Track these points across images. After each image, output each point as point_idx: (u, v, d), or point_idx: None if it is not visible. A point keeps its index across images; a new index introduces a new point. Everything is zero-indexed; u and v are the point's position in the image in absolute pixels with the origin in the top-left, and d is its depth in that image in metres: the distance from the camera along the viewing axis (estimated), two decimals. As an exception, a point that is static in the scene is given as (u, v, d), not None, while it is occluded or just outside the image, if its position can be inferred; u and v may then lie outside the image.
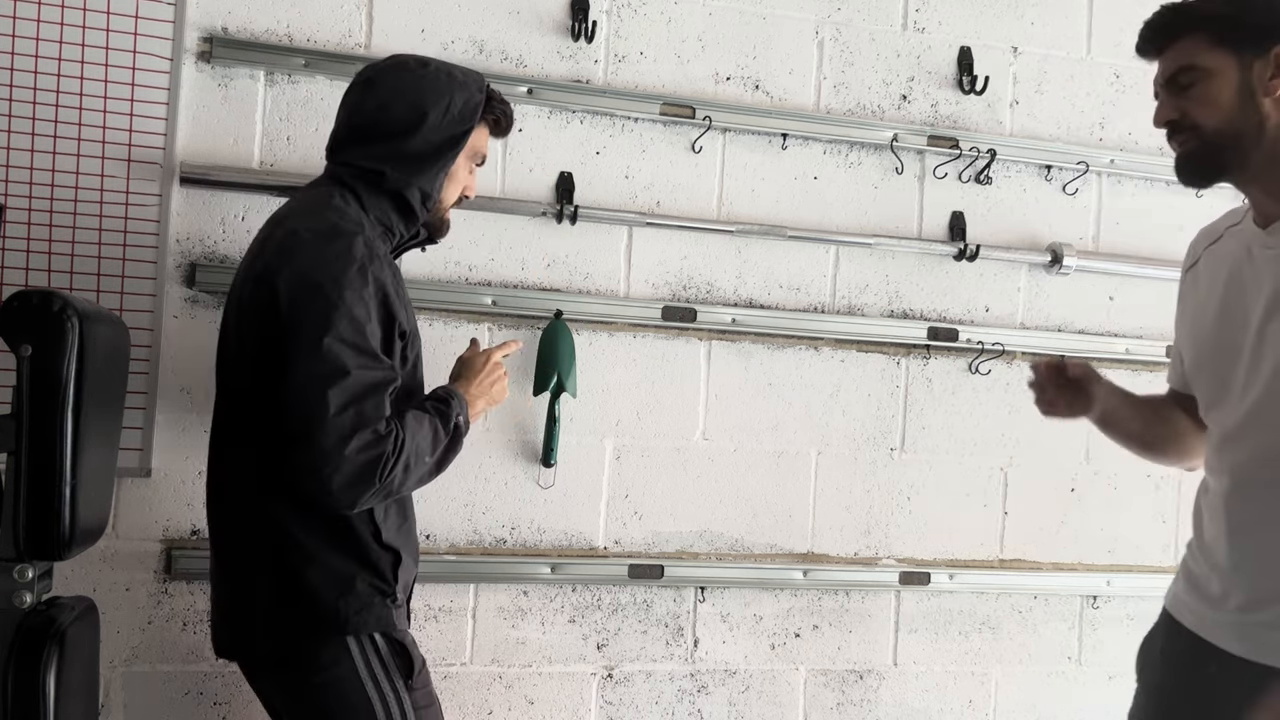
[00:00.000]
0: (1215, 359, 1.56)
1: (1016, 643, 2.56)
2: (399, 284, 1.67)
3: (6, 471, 1.55)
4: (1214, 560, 1.56)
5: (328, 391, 1.50)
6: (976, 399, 2.52)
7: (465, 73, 1.75)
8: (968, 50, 2.52)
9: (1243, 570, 1.50)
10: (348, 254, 1.56)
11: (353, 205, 1.67)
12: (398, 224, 1.71)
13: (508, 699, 2.28)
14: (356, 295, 1.54)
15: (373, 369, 1.54)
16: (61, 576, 1.73)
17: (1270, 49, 1.43)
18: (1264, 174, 1.47)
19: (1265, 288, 1.48)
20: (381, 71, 1.72)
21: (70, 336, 1.53)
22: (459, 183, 1.77)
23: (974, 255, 2.47)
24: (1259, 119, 1.44)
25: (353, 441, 1.50)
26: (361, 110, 1.70)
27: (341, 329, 1.53)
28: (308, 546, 1.60)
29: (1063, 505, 2.57)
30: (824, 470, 2.45)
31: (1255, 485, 1.49)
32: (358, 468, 1.50)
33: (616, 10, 2.33)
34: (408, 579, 1.70)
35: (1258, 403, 1.47)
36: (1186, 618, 1.60)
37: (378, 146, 1.68)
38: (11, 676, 1.49)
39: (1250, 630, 1.48)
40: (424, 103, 1.67)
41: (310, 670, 1.60)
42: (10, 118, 1.98)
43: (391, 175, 1.67)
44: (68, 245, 2.01)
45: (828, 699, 2.45)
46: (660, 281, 2.35)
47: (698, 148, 2.36)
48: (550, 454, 2.25)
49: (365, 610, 1.60)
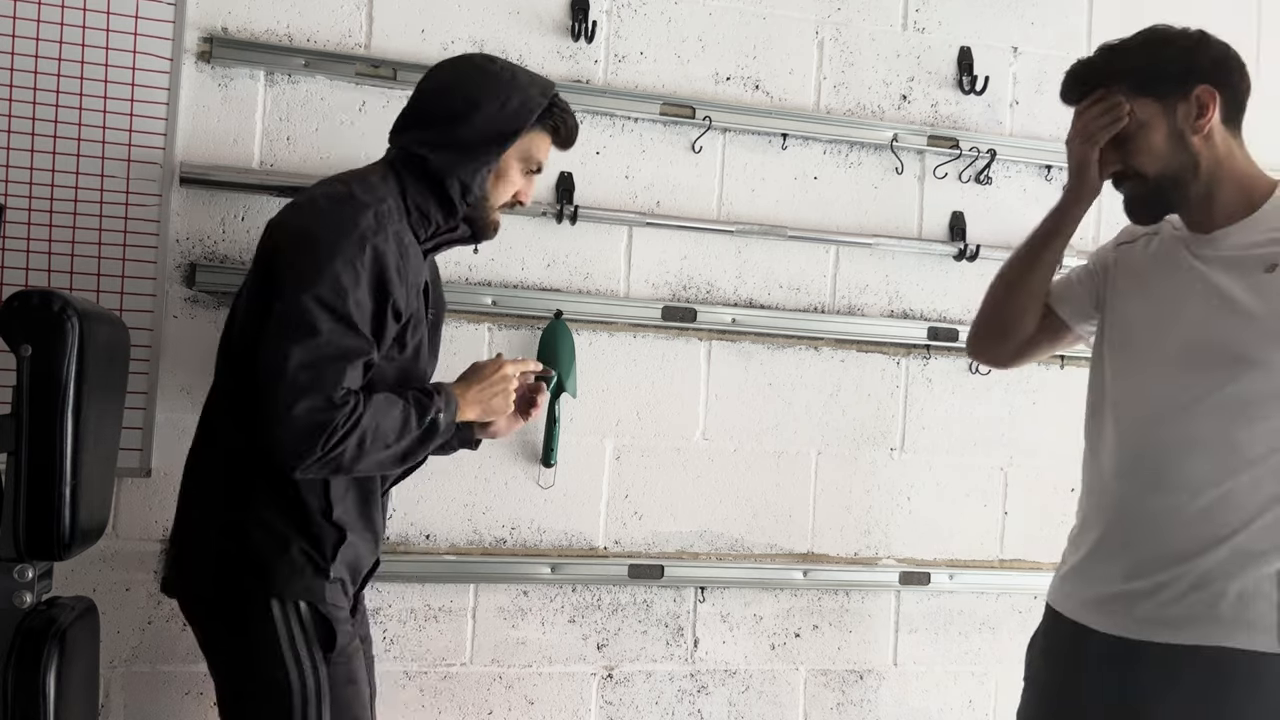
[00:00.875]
0: (1142, 331, 1.64)
1: (1016, 643, 2.52)
2: (408, 266, 1.64)
3: (6, 471, 1.55)
4: (1095, 540, 1.63)
5: (292, 347, 1.52)
6: (976, 399, 2.52)
7: (532, 77, 1.75)
8: (968, 50, 2.52)
9: (1127, 545, 1.57)
10: (351, 220, 1.57)
11: (391, 185, 1.67)
12: (435, 213, 1.70)
13: (508, 699, 2.28)
14: (347, 261, 1.54)
15: (344, 336, 1.54)
16: (61, 576, 1.73)
17: (1190, 91, 1.54)
18: (1202, 200, 1.58)
19: (1202, 282, 1.57)
20: (449, 62, 1.76)
21: (70, 336, 1.53)
22: (509, 184, 1.74)
23: (974, 255, 2.47)
24: (1193, 158, 1.55)
25: (302, 402, 1.51)
26: (421, 96, 1.73)
27: (322, 289, 1.53)
28: (255, 502, 1.63)
29: (1063, 505, 2.55)
30: (824, 470, 2.45)
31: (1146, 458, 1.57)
32: (300, 429, 1.51)
33: (616, 10, 2.33)
34: (353, 560, 1.69)
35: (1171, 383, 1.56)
36: (1064, 604, 1.67)
37: (428, 132, 1.69)
38: (11, 676, 1.49)
39: (1123, 605, 1.55)
40: (479, 94, 1.67)
41: (233, 623, 1.63)
42: (10, 118, 1.98)
43: (434, 161, 1.67)
44: (68, 245, 2.01)
45: (828, 699, 2.45)
46: (660, 281, 2.35)
47: (698, 148, 2.36)
48: (550, 454, 2.25)
49: (294, 576, 1.61)
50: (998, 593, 2.54)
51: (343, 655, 1.65)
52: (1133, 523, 1.58)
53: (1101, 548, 1.62)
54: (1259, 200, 1.56)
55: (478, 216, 1.74)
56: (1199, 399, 1.52)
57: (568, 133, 1.78)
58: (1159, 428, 1.56)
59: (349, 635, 1.68)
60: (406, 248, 1.64)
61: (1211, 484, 1.50)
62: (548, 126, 1.74)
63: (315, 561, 1.63)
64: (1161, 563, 1.52)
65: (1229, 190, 1.56)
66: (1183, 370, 1.55)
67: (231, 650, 1.65)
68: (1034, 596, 2.55)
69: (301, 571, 1.62)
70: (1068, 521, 1.77)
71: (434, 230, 1.72)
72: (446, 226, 1.73)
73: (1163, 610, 1.51)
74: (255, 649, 1.61)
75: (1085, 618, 1.61)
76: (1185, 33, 1.58)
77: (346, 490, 1.66)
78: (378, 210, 1.60)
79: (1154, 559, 1.53)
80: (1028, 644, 1.78)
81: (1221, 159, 1.56)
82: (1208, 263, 1.57)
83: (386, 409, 1.59)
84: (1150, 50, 1.58)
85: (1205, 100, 1.53)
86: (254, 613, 1.61)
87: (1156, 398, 1.57)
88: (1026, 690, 1.76)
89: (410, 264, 1.65)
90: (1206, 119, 1.54)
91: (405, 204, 1.67)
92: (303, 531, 1.63)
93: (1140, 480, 1.58)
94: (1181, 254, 1.61)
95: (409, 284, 1.65)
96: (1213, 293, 1.54)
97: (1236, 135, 1.58)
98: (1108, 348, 1.70)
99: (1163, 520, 1.54)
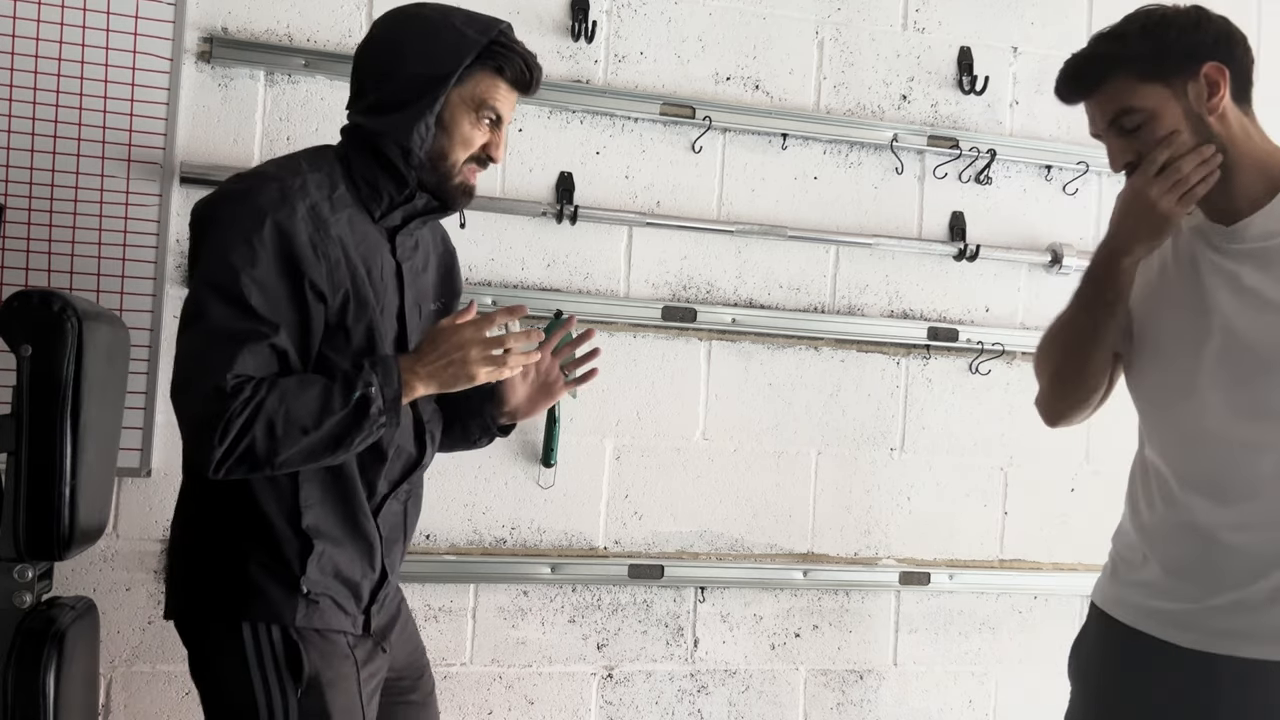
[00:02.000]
0: (1173, 343, 1.54)
1: (1016, 643, 2.56)
2: (329, 243, 1.47)
3: (6, 471, 1.55)
4: (1164, 552, 1.53)
5: (182, 335, 1.43)
6: (976, 399, 2.52)
7: (471, 16, 1.54)
8: (968, 50, 2.52)
9: (1199, 558, 1.48)
10: (245, 197, 1.44)
11: (331, 162, 1.54)
12: (385, 184, 1.54)
13: (508, 699, 2.28)
14: (240, 238, 1.40)
15: (233, 319, 1.39)
16: (61, 576, 1.73)
17: (1198, 71, 1.44)
18: (1222, 186, 1.47)
19: (1229, 282, 1.48)
20: (379, 19, 1.58)
21: (70, 336, 1.53)
22: (462, 137, 1.53)
23: (974, 255, 2.47)
24: (1212, 138, 1.45)
25: (192, 394, 1.39)
26: (354, 62, 1.58)
27: (211, 271, 1.42)
28: (210, 513, 1.51)
29: (1063, 505, 2.57)
30: (824, 470, 2.45)
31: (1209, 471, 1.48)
32: (194, 425, 1.39)
33: (616, 10, 2.33)
34: (338, 572, 1.52)
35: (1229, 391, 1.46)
36: (1122, 612, 1.57)
37: (361, 99, 1.55)
38: (11, 676, 1.49)
39: (1199, 619, 1.47)
40: (404, 44, 1.51)
41: (203, 647, 1.53)
42: (10, 118, 1.98)
43: (368, 126, 1.52)
44: (68, 245, 2.01)
45: (828, 699, 2.45)
46: (660, 281, 2.35)
47: (698, 148, 2.36)
48: (550, 454, 2.25)
49: (256, 596, 1.47)
50: (998, 593, 2.54)
51: (314, 685, 1.47)
52: (1201, 539, 1.48)
53: (1171, 564, 1.51)
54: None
55: (436, 180, 1.54)
56: (1249, 406, 1.44)
57: (516, 72, 1.55)
58: (1217, 440, 1.47)
59: (328, 663, 1.50)
60: (328, 224, 1.47)
61: (1276, 492, 1.42)
62: (491, 66, 1.52)
63: (280, 577, 1.48)
64: (1238, 578, 1.44)
65: (1248, 172, 1.46)
66: (1223, 377, 1.46)
67: (204, 676, 1.54)
68: (1034, 596, 2.56)
69: (263, 590, 1.47)
70: (1068, 521, 1.76)
71: (389, 203, 1.55)
72: (401, 196, 1.55)
73: (1241, 622, 1.43)
74: (223, 677, 1.50)
75: (1153, 628, 1.51)
76: (1182, 10, 1.49)
77: (323, 495, 1.51)
78: (285, 185, 1.45)
79: (1230, 575, 1.45)
80: (1072, 646, 1.68)
81: (1238, 139, 1.46)
82: (1232, 258, 1.47)
83: (299, 391, 1.41)
84: (1150, 34, 1.47)
85: (1215, 78, 1.44)
86: (224, 637, 1.48)
87: (1208, 410, 1.47)
88: (1078, 696, 1.65)
89: (337, 244, 1.48)
90: (1219, 97, 1.44)
91: (354, 180, 1.53)
92: (260, 544, 1.48)
93: (1202, 495, 1.48)
94: (1203, 251, 1.51)
95: (336, 263, 1.48)
96: (1241, 291, 1.45)
97: (1249, 113, 1.49)
98: (1141, 362, 1.59)
99: (1232, 534, 1.45)
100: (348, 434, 1.44)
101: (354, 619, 1.56)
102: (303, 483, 1.49)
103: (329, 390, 1.43)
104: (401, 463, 1.61)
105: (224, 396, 1.37)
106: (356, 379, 1.44)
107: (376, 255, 1.54)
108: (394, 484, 1.60)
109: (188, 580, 1.54)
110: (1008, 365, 2.52)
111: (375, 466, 1.56)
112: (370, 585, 1.58)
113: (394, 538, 1.63)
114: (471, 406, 1.73)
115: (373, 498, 1.57)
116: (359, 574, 1.56)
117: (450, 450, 1.81)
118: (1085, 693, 1.64)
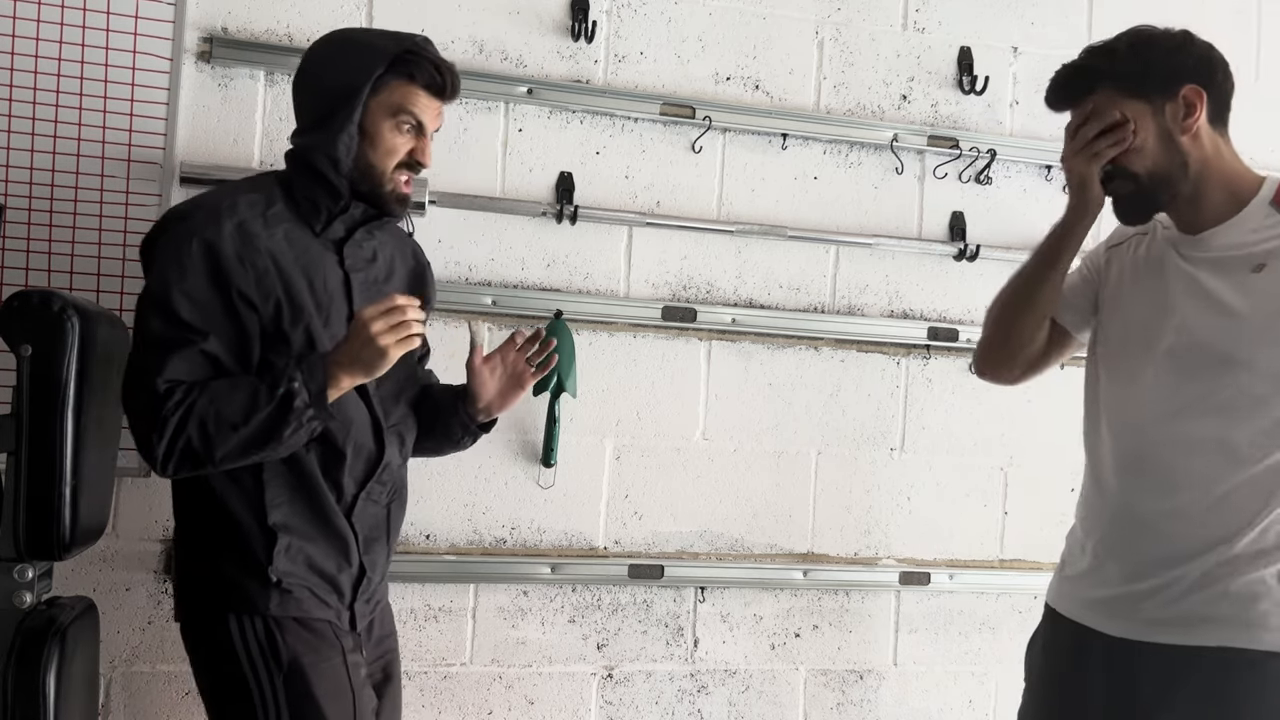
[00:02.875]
0: (1133, 333, 1.64)
1: (1016, 643, 2.51)
2: (257, 255, 1.57)
3: (6, 471, 1.55)
4: (1096, 542, 1.64)
5: (132, 350, 1.56)
6: (976, 399, 2.52)
7: (387, 33, 1.70)
8: (968, 50, 2.51)
9: (1128, 547, 1.58)
10: (177, 222, 1.58)
11: (269, 184, 1.67)
12: (322, 198, 1.65)
13: (508, 699, 2.28)
14: (171, 258, 1.55)
15: (165, 328, 1.53)
16: (61, 576, 1.73)
17: (1177, 92, 1.54)
18: (1190, 200, 1.58)
19: (1190, 285, 1.57)
20: (311, 46, 1.73)
21: (70, 336, 1.54)
22: (385, 145, 1.64)
23: (974, 255, 2.47)
24: (1182, 158, 1.55)
25: (134, 401, 1.54)
26: (291, 92, 1.72)
27: (149, 289, 1.57)
28: (188, 520, 1.66)
29: (1063, 505, 2.54)
30: (824, 470, 2.45)
31: (1144, 461, 1.58)
32: (137, 425, 1.53)
33: (616, 10, 2.33)
34: (309, 563, 1.62)
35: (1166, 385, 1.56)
36: (1065, 606, 1.67)
37: (298, 121, 1.69)
38: (11, 676, 1.49)
39: (1125, 606, 1.55)
40: (325, 63, 1.66)
41: (200, 643, 1.64)
42: (10, 118, 1.98)
43: (300, 144, 1.66)
44: (68, 245, 2.01)
45: (828, 699, 2.45)
46: (660, 281, 2.35)
47: (698, 148, 2.36)
48: (550, 454, 2.25)
49: (231, 590, 1.59)
50: (998, 593, 2.54)
51: (296, 668, 1.58)
52: (1134, 524, 1.58)
53: (1103, 549, 1.62)
54: (1246, 198, 1.56)
55: (369, 188, 1.65)
56: (1192, 401, 1.53)
57: (427, 77, 1.65)
58: (1155, 430, 1.57)
59: (309, 647, 1.60)
60: (256, 237, 1.58)
61: (1210, 485, 1.51)
62: (403, 74, 1.64)
63: (251, 569, 1.59)
64: (1163, 564, 1.53)
65: (1216, 190, 1.56)
66: (1174, 373, 1.55)
67: (206, 673, 1.65)
68: (1034, 596, 2.55)
69: (240, 584, 1.59)
70: (1067, 521, 1.77)
71: (327, 215, 1.66)
72: (338, 207, 1.66)
73: (1165, 611, 1.52)
74: (221, 669, 1.61)
75: (1087, 619, 1.61)
76: (1169, 33, 1.58)
77: (292, 495, 1.61)
78: (213, 206, 1.59)
79: (1156, 560, 1.54)
80: (1027, 645, 1.78)
81: (1209, 158, 1.56)
82: (1195, 264, 1.57)
83: (229, 391, 1.53)
84: (1137, 51, 1.57)
85: (1193, 100, 1.54)
86: (215, 631, 1.60)
87: (1151, 401, 1.57)
88: (1028, 691, 1.75)
89: (265, 255, 1.58)
90: (1194, 118, 1.54)
91: (294, 199, 1.65)
92: (230, 543, 1.60)
93: (1140, 483, 1.58)
94: (1170, 256, 1.61)
95: (264, 272, 1.58)
96: (1200, 294, 1.55)
97: (1223, 134, 1.59)
98: (1101, 350, 1.71)
99: (1163, 522, 1.54)
100: (276, 428, 1.53)
101: (337, 611, 1.65)
102: (268, 484, 1.60)
103: (256, 389, 1.53)
104: (363, 461, 1.68)
105: (158, 399, 1.50)
106: (281, 376, 1.54)
107: (319, 266, 1.65)
108: (361, 483, 1.68)
109: (181, 582, 1.67)
110: (1008, 365, 2.52)
111: (337, 465, 1.64)
112: (349, 580, 1.67)
113: (374, 537, 1.71)
114: (446, 406, 1.84)
115: (342, 497, 1.66)
116: (334, 568, 1.65)
117: (438, 453, 1.91)
118: (1033, 687, 1.74)
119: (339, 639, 1.64)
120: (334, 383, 1.55)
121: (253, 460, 1.56)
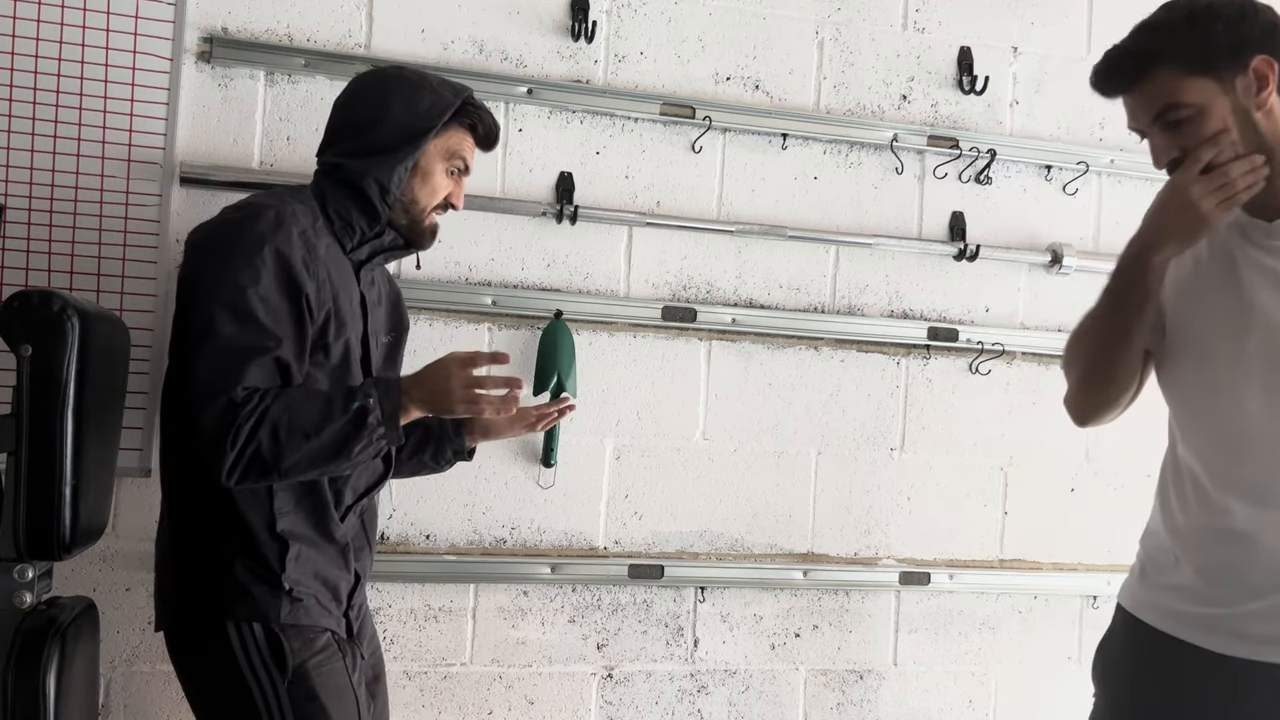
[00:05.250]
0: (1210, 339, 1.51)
1: (1016, 643, 2.56)
2: (319, 266, 1.61)
3: (6, 471, 1.55)
4: (1200, 557, 1.50)
5: (199, 356, 1.54)
6: (976, 399, 2.52)
7: (443, 80, 1.75)
8: (968, 50, 2.52)
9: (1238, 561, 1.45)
10: (247, 224, 1.58)
11: (307, 196, 1.69)
12: (358, 219, 1.69)
13: (508, 699, 2.28)
14: (245, 262, 1.54)
15: (243, 335, 1.53)
16: (61, 576, 1.73)
17: (1247, 64, 1.39)
18: (1268, 182, 1.42)
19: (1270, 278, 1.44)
20: (359, 77, 1.80)
21: (70, 336, 1.53)
22: (433, 184, 1.72)
23: (974, 255, 2.47)
24: (1259, 137, 1.41)
25: (209, 407, 1.51)
26: (334, 113, 1.75)
27: (220, 291, 1.54)
28: (195, 527, 1.64)
29: (1063, 505, 2.57)
30: (824, 470, 2.45)
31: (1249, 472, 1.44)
32: (210, 435, 1.51)
33: (616, 10, 2.33)
34: (315, 572, 1.65)
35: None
36: (1150, 615, 1.54)
37: (342, 144, 1.71)
38: (11, 676, 1.49)
39: (1235, 624, 1.44)
40: (388, 99, 1.69)
41: (195, 650, 1.64)
42: (10, 118, 1.98)
43: (349, 166, 1.68)
44: (68, 245, 2.01)
45: (828, 699, 2.45)
46: (660, 281, 2.35)
47: (698, 148, 2.36)
48: (550, 454, 2.25)
49: (243, 597, 1.59)
50: (998, 593, 2.54)
51: (300, 673, 1.60)
52: (1241, 540, 1.44)
53: (1206, 564, 1.48)
54: None
55: (406, 221, 1.72)
56: None
57: (486, 130, 1.76)
58: (1257, 439, 1.43)
59: (312, 652, 1.63)
60: (316, 248, 1.62)
61: None
62: (465, 124, 1.73)
63: (263, 577, 1.60)
64: (1276, 581, 1.41)
65: None
66: (1267, 375, 1.42)
67: (198, 680, 1.65)
68: (1034, 596, 2.56)
69: (249, 591, 1.60)
70: (1068, 521, 1.76)
71: (360, 237, 1.71)
72: (373, 232, 1.71)
73: (1276, 629, 1.41)
74: (217, 676, 1.61)
75: (1184, 633, 1.49)
76: (1229, 2, 1.41)
77: (297, 503, 1.63)
78: (278, 211, 1.59)
79: (1267, 576, 1.42)
80: (1098, 649, 1.65)
81: None
82: (1274, 254, 1.43)
83: (303, 399, 1.54)
84: (1196, 25, 1.40)
85: (1264, 71, 1.38)
86: (212, 638, 1.60)
87: (1248, 408, 1.43)
88: (1105, 700, 1.62)
89: (323, 265, 1.63)
90: (1269, 91, 1.39)
91: (327, 213, 1.68)
92: (245, 549, 1.61)
93: (1245, 495, 1.44)
94: (1242, 247, 1.47)
95: (323, 283, 1.62)
96: None
97: None
98: (1176, 360, 1.54)
99: (1274, 537, 1.41)
100: (348, 442, 1.55)
101: (337, 619, 1.69)
102: (276, 491, 1.61)
103: (330, 400, 1.56)
104: (368, 476, 1.74)
105: (235, 406, 1.50)
106: (357, 391, 1.58)
107: (348, 283, 1.70)
108: (358, 496, 1.73)
109: (177, 590, 1.67)
110: (1008, 365, 2.52)
111: (343, 477, 1.68)
112: (347, 587, 1.72)
113: (359, 544, 1.76)
114: (446, 430, 1.92)
115: (339, 506, 1.69)
116: (336, 575, 1.69)
117: (416, 474, 1.97)
118: (1113, 697, 1.61)
119: (339, 645, 1.67)
120: (404, 410, 1.60)
121: (316, 475, 1.59)
